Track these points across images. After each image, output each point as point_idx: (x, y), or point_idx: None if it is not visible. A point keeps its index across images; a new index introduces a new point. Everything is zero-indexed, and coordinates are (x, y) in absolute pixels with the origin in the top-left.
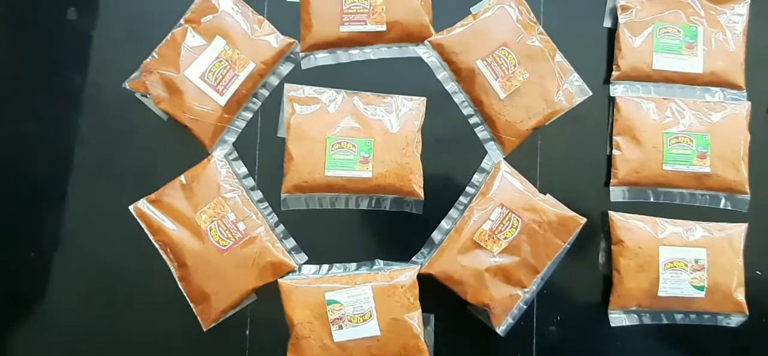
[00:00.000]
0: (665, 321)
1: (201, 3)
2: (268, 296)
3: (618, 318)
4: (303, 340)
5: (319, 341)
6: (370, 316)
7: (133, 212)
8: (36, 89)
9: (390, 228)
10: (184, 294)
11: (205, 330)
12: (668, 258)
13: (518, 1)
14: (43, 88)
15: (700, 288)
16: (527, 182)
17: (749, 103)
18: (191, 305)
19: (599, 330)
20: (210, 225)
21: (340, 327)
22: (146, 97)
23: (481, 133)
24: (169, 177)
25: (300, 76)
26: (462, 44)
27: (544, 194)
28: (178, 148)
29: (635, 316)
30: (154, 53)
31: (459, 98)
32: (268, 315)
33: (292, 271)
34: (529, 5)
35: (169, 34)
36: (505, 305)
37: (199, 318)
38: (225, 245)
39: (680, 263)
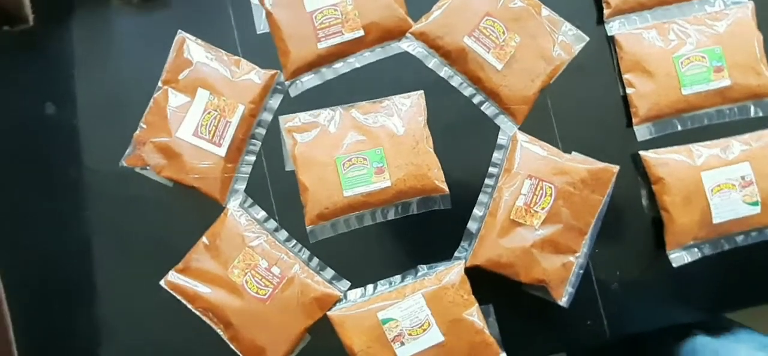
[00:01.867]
0: (727, 247)
1: (173, 61)
2: (323, 332)
3: (678, 257)
4: None
5: None
6: (429, 324)
7: (166, 287)
8: (32, 193)
9: (423, 230)
10: (239, 354)
11: None
12: (713, 183)
13: None
14: (39, 190)
15: (754, 204)
16: (548, 145)
17: (751, 2)
18: None
19: (662, 274)
20: (244, 278)
21: (402, 344)
22: (146, 169)
23: (489, 109)
24: (190, 242)
25: (292, 105)
26: (444, 26)
27: (569, 153)
28: (191, 210)
29: (695, 250)
30: (141, 124)
31: (456, 80)
32: (327, 351)
33: (339, 300)
34: None
35: (151, 100)
36: (561, 275)
37: None
38: (265, 294)
39: (727, 184)
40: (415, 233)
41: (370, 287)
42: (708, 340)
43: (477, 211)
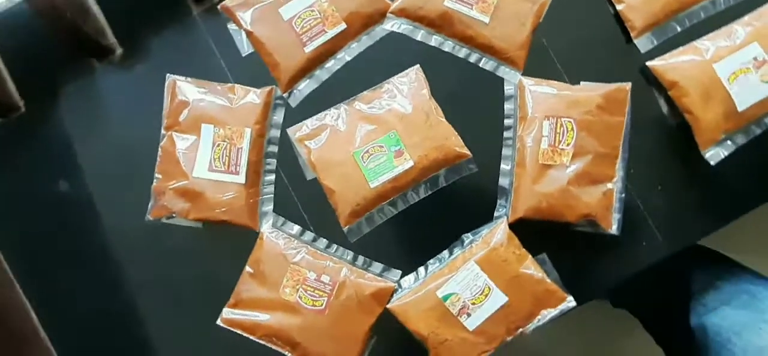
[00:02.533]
0: (759, 132)
1: (170, 106)
2: (388, 327)
3: (714, 154)
4: (442, 346)
5: (457, 338)
6: (489, 289)
7: (223, 325)
8: (68, 269)
9: (457, 199)
10: None
11: None
12: (727, 72)
13: None
14: (74, 264)
15: None
16: (555, 82)
17: None
18: None
19: (703, 176)
20: (297, 295)
21: (468, 315)
22: (173, 217)
23: (488, 64)
24: (235, 275)
25: (295, 114)
26: None
27: (577, 84)
28: (227, 244)
29: (728, 143)
30: (156, 175)
31: (448, 45)
32: (396, 344)
33: (395, 291)
34: None
35: (159, 150)
36: (605, 204)
37: None
38: (321, 305)
39: (741, 70)
40: (450, 205)
41: (421, 269)
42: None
43: (504, 166)
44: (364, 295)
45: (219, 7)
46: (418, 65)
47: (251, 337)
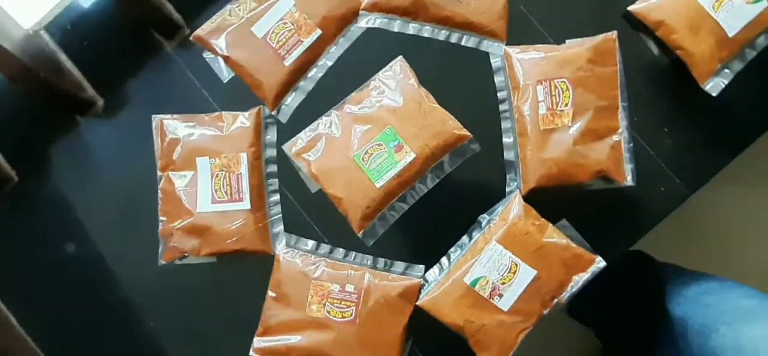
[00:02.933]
0: (754, 54)
1: (161, 146)
2: (422, 323)
3: (714, 85)
4: (480, 333)
5: (493, 321)
6: (516, 265)
7: (257, 355)
8: (91, 329)
9: (466, 182)
10: None
11: None
12: (711, 0)
13: None
14: (96, 322)
15: (757, 1)
16: (541, 45)
17: None
18: None
19: (707, 109)
20: (325, 310)
21: (501, 296)
22: (185, 257)
23: (470, 41)
24: (258, 303)
25: (288, 129)
26: None
27: (563, 42)
28: (245, 273)
29: (726, 71)
30: (160, 218)
31: (427, 30)
32: (434, 339)
33: (422, 287)
34: None
35: (159, 193)
36: (615, 157)
37: None
38: (350, 315)
39: None
40: (460, 189)
41: (444, 260)
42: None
43: (507, 139)
44: (391, 297)
45: (191, 38)
46: (400, 56)
47: None
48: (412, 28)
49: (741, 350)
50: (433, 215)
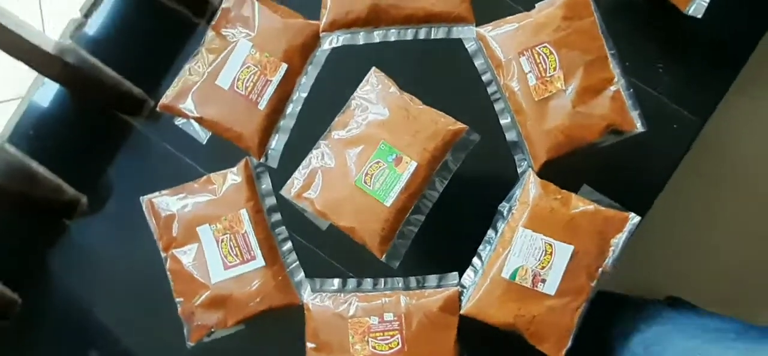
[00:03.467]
0: None
1: (158, 227)
2: (471, 331)
3: (697, 7)
4: (533, 325)
5: (544, 309)
6: (550, 246)
7: None
8: None
9: (475, 175)
10: None
11: None
12: None
13: None
14: None
15: None
16: (512, 17)
17: None
18: None
19: (696, 34)
20: (370, 346)
21: (544, 281)
22: (213, 333)
23: (439, 33)
24: None
25: (281, 173)
26: (342, 1)
27: (533, 7)
28: (277, 330)
29: None
30: (176, 300)
31: (393, 34)
32: (484, 344)
33: (461, 294)
34: None
35: (168, 274)
36: (618, 107)
37: None
38: (397, 345)
39: None
40: (472, 184)
41: (475, 260)
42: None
43: (504, 120)
44: (433, 313)
45: (158, 109)
46: (373, 68)
47: None
48: (377, 35)
49: None
50: (451, 218)
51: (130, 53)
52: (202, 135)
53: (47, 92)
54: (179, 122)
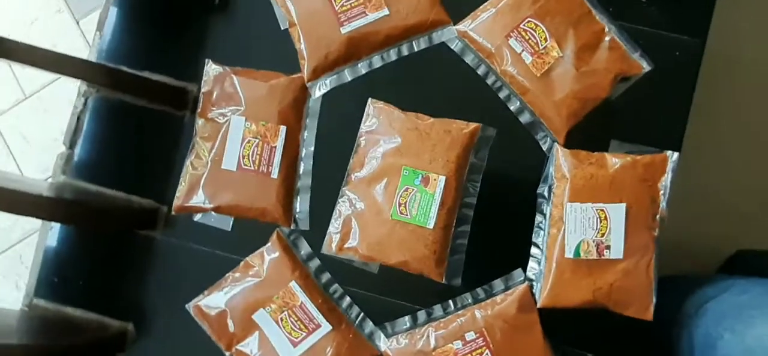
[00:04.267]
0: None
1: (213, 329)
2: (554, 320)
3: None
4: (613, 293)
5: (618, 274)
6: (603, 212)
7: None
8: None
9: (505, 168)
10: None
11: None
12: None
13: None
14: None
15: None
16: (487, 4)
17: None
18: None
19: None
20: None
21: (608, 247)
22: None
23: (420, 44)
24: None
25: (315, 231)
26: (317, 50)
27: None
28: None
29: None
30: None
31: (377, 60)
32: (570, 327)
33: (532, 288)
34: None
35: None
36: (618, 56)
37: None
38: None
39: None
40: (504, 178)
41: (534, 250)
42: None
43: (512, 106)
44: (512, 316)
45: (174, 213)
46: (369, 99)
47: None
48: (362, 67)
49: (750, 352)
50: (496, 217)
51: (127, 167)
52: (226, 223)
53: (57, 233)
54: (198, 217)
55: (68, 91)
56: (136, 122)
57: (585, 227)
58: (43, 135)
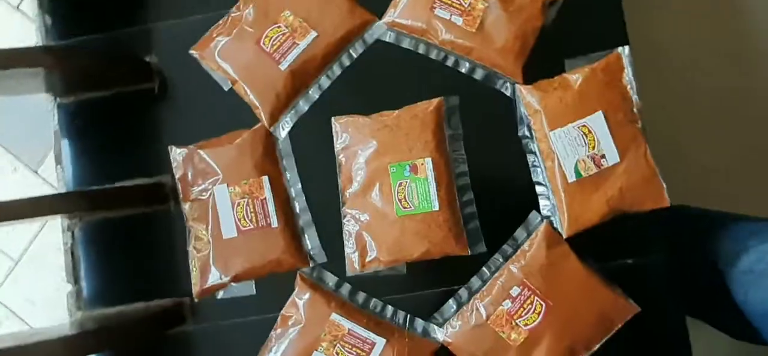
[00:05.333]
0: None
1: None
2: (585, 249)
3: None
4: (626, 194)
5: (623, 177)
6: (585, 126)
7: None
8: None
9: (480, 129)
10: None
11: None
12: None
13: None
14: None
15: None
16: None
17: None
18: None
19: None
20: (521, 327)
21: (604, 156)
22: None
23: (356, 48)
24: None
25: (335, 260)
26: (265, 92)
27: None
28: None
29: None
30: None
31: (324, 82)
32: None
33: (555, 229)
34: None
35: None
36: None
37: None
38: (541, 307)
39: None
40: (482, 137)
41: (539, 188)
42: None
43: (463, 68)
44: (544, 257)
45: (196, 300)
46: (332, 119)
47: None
48: (313, 93)
49: None
50: (492, 174)
51: (136, 277)
52: (248, 288)
53: None
54: (221, 295)
55: (53, 240)
56: (127, 233)
57: (575, 147)
58: (46, 292)
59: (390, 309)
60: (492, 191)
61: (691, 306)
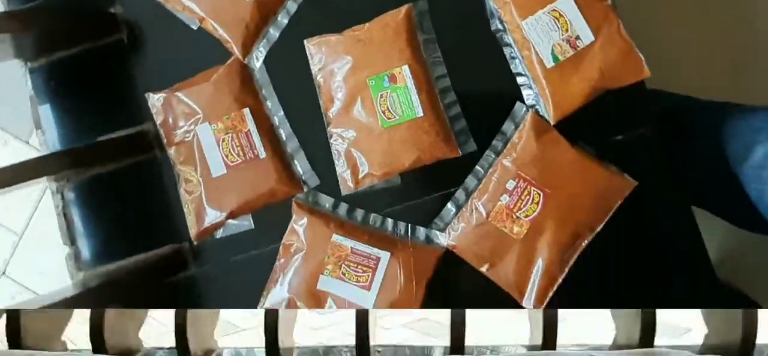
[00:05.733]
0: None
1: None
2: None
3: None
4: (606, 72)
5: (599, 54)
6: (554, 10)
7: None
8: None
9: (453, 32)
10: None
11: None
12: None
13: None
14: None
15: None
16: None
17: None
18: None
19: None
20: (523, 218)
21: (578, 37)
22: None
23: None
24: None
25: (328, 181)
26: (235, 26)
27: None
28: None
29: None
30: None
31: (291, 7)
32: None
33: (541, 117)
34: None
35: None
36: None
37: None
38: (538, 196)
39: None
40: (457, 40)
41: (520, 79)
42: None
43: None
44: (535, 146)
45: (195, 243)
46: (304, 41)
47: None
48: (281, 18)
49: None
50: (471, 73)
51: (131, 230)
52: (246, 223)
53: None
54: (219, 233)
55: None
56: (116, 187)
57: (548, 33)
58: (58, 260)
59: (390, 221)
60: (474, 89)
61: (700, 199)
